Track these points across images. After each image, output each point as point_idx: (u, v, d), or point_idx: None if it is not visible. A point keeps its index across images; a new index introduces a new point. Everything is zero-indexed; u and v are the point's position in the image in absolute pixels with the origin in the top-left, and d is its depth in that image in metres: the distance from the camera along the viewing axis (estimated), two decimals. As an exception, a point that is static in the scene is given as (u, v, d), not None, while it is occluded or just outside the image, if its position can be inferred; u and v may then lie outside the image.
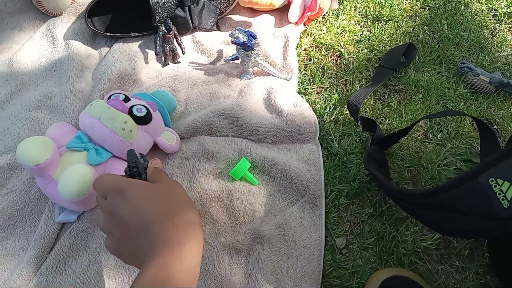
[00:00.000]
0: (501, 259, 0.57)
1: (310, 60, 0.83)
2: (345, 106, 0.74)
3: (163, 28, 0.78)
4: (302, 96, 0.77)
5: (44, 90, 0.74)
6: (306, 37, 0.87)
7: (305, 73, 0.81)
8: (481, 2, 0.97)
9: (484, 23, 0.93)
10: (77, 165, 0.56)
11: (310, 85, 0.79)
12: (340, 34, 0.87)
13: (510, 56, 0.86)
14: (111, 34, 0.81)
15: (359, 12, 0.92)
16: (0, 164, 0.63)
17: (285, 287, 0.55)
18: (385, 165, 0.68)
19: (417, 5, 0.95)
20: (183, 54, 0.81)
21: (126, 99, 0.63)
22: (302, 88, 0.78)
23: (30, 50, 0.80)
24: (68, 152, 0.60)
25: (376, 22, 0.91)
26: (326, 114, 0.74)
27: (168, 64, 0.79)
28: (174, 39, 0.80)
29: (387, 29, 0.89)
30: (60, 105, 0.71)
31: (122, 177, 0.48)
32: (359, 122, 0.72)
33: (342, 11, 0.91)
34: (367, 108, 0.76)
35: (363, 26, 0.90)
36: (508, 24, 0.93)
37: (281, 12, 0.88)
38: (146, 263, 0.39)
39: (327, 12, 0.90)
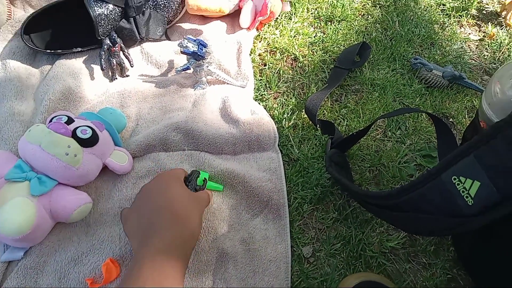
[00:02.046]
0: (465, 253, 0.57)
1: (265, 65, 0.81)
2: (303, 110, 0.73)
3: (108, 42, 0.74)
4: (259, 103, 0.75)
5: (-21, 116, 0.68)
6: (260, 42, 0.85)
7: (260, 79, 0.79)
8: (429, -2, 0.99)
9: (434, 18, 0.94)
10: (16, 199, 0.51)
11: (266, 90, 0.77)
12: (294, 37, 0.86)
13: (460, 50, 0.88)
14: (52, 51, 0.76)
15: (311, 13, 0.92)
16: None
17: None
18: (346, 167, 0.67)
19: (368, 4, 0.95)
20: (131, 67, 0.77)
21: (69, 121, 0.59)
22: (259, 94, 0.77)
23: (-37, 73, 0.74)
24: (7, 184, 0.55)
25: (329, 23, 0.90)
26: (284, 119, 0.72)
27: (116, 78, 0.75)
28: (121, 52, 0.76)
29: (340, 29, 0.89)
30: (-2, 131, 0.66)
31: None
32: (318, 125, 0.71)
33: (294, 14, 0.90)
34: (325, 111, 0.75)
35: (317, 28, 0.90)
36: (456, 18, 0.95)
37: (232, 18, 0.86)
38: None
39: (279, 16, 0.89)
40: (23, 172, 0.56)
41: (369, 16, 0.93)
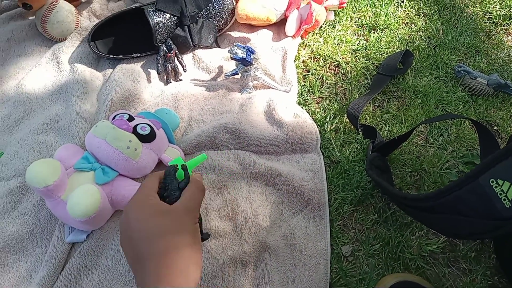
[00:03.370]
0: (507, 259, 0.57)
1: (308, 71, 0.85)
2: (345, 115, 0.75)
3: (164, 48, 0.81)
4: (302, 107, 0.78)
5: (51, 114, 0.76)
6: (304, 49, 0.88)
7: (304, 84, 0.82)
8: (476, 6, 0.98)
9: (480, 27, 0.94)
10: (85, 185, 0.57)
11: (309, 95, 0.80)
12: (337, 44, 0.89)
13: (507, 58, 0.87)
14: (114, 56, 0.83)
15: (355, 22, 0.94)
16: (10, 187, 0.65)
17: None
18: (387, 171, 0.69)
19: (412, 12, 0.96)
20: (185, 72, 0.83)
21: (130, 119, 0.65)
22: (302, 99, 0.80)
23: (37, 75, 0.83)
24: (76, 173, 0.62)
25: (372, 31, 0.92)
26: (326, 123, 0.75)
27: (170, 82, 0.81)
28: (175, 58, 0.82)
29: (383, 37, 0.91)
30: (66, 127, 0.73)
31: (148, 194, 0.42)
32: (359, 129, 0.73)
33: (338, 22, 0.93)
34: (366, 116, 0.77)
35: (360, 36, 0.92)
36: (504, 26, 0.94)
37: (278, 27, 0.90)
38: None
39: (323, 24, 0.92)
40: (89, 163, 0.62)
41: (413, 25, 0.94)
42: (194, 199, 0.42)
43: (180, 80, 0.82)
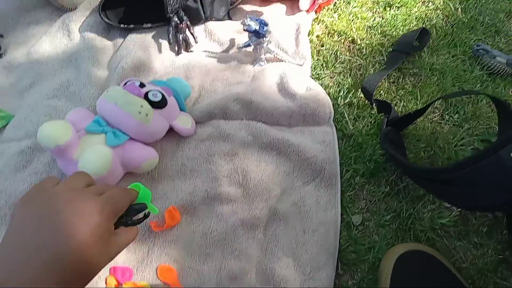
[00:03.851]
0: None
1: (322, 46, 0.83)
2: (359, 90, 0.74)
3: (176, 19, 0.80)
4: (315, 81, 0.77)
5: (61, 80, 0.76)
6: (318, 24, 0.87)
7: (317, 59, 0.81)
8: (495, -14, 0.96)
9: (499, 7, 0.91)
10: (98, 146, 0.57)
11: (323, 70, 0.79)
12: (352, 20, 0.87)
13: (526, 38, 0.85)
14: (125, 26, 0.82)
15: (370, -1, 0.92)
16: (21, 147, 0.65)
17: (301, 260, 0.56)
18: (401, 146, 0.68)
19: (429, -9, 0.94)
20: (196, 43, 0.82)
21: (142, 85, 0.64)
22: (315, 73, 0.79)
23: (47, 43, 0.82)
24: (87, 135, 0.61)
25: (388, 8, 0.91)
26: (340, 97, 0.74)
27: (181, 53, 0.80)
28: (187, 29, 0.81)
29: (399, 15, 0.89)
30: (77, 93, 0.73)
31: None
32: (374, 104, 0.72)
33: (353, -1, 0.91)
34: (381, 91, 0.75)
35: (375, 13, 0.90)
36: (523, 6, 0.92)
37: (292, 1, 0.88)
38: None
39: (338, 0, 0.90)
40: (101, 126, 0.62)
41: (430, 3, 0.92)
42: (122, 248, 0.39)
43: (191, 51, 0.81)
